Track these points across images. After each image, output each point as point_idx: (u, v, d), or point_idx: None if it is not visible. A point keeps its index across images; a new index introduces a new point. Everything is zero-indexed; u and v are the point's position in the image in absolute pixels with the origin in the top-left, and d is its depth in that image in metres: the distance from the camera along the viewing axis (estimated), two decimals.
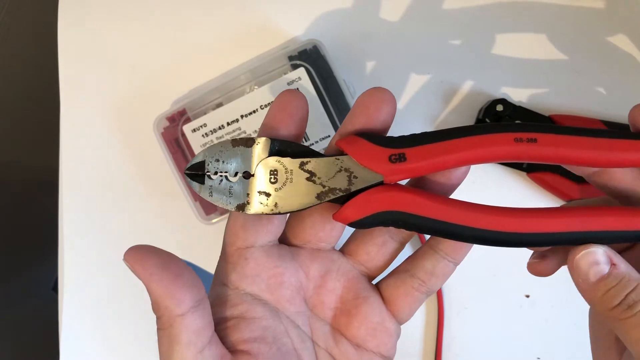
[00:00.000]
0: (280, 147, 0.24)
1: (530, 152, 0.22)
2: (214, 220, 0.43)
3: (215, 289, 0.26)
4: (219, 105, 0.42)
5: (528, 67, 0.44)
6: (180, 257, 0.48)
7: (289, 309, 0.26)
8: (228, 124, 0.42)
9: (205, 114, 0.42)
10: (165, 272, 0.22)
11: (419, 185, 0.26)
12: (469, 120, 0.44)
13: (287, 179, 0.24)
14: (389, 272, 0.28)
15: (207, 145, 0.42)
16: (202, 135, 0.42)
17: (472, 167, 0.25)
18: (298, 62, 0.42)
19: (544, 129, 0.22)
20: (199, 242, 0.46)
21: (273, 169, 0.24)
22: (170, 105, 0.45)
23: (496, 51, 0.44)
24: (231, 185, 0.24)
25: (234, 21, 0.45)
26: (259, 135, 0.24)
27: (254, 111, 0.42)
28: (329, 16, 0.45)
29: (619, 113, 0.43)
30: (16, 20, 0.48)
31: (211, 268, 0.46)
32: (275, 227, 0.26)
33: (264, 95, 0.42)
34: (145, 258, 0.23)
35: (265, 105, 0.42)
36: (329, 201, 0.24)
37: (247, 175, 0.24)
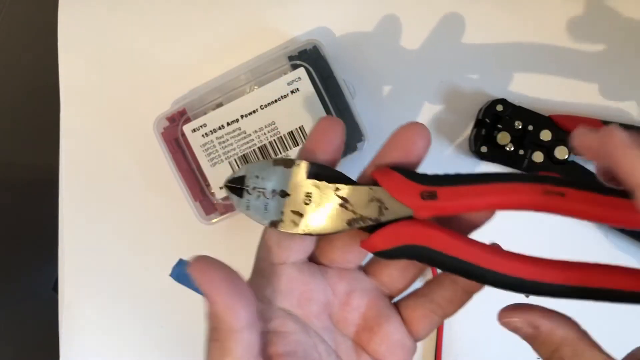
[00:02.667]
0: (318, 171, 0.25)
1: (557, 205, 0.23)
2: (214, 220, 0.43)
3: None
4: (219, 105, 0.42)
5: (528, 67, 0.44)
6: (180, 257, 0.48)
7: (316, 324, 0.27)
8: (228, 124, 0.42)
9: (205, 114, 0.42)
10: (229, 287, 0.24)
11: (444, 218, 0.26)
12: (469, 121, 0.44)
13: (321, 202, 0.25)
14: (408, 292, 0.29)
15: (207, 147, 0.42)
16: (202, 135, 0.42)
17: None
18: (298, 62, 0.42)
19: (573, 184, 0.23)
20: (199, 242, 0.46)
21: (308, 191, 0.25)
22: (170, 105, 0.45)
23: (496, 51, 0.44)
24: (267, 202, 0.25)
25: (234, 21, 0.45)
26: (299, 158, 0.25)
27: (254, 111, 0.42)
28: (328, 16, 0.45)
29: (619, 113, 0.43)
30: (16, 20, 0.48)
31: None
32: (307, 246, 0.27)
33: (264, 95, 0.42)
34: (211, 270, 0.24)
35: (266, 105, 0.42)
36: (358, 228, 0.24)
37: (284, 194, 0.25)
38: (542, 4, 0.44)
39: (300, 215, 0.25)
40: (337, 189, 0.25)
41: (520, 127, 0.42)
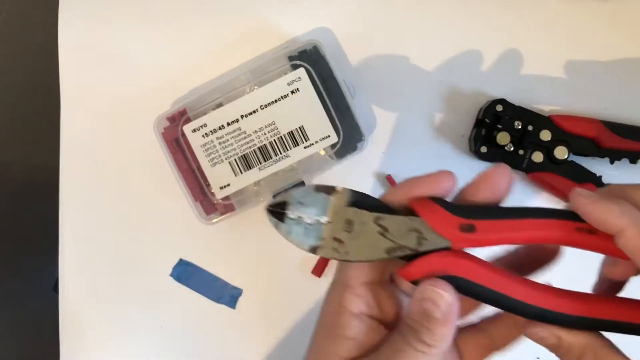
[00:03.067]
0: (358, 199, 0.25)
1: (589, 242, 0.24)
2: (214, 220, 0.43)
3: None
4: (219, 105, 0.42)
5: (528, 67, 0.44)
6: (180, 257, 0.48)
7: None
8: (228, 124, 0.42)
9: (205, 114, 0.42)
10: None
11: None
12: (469, 121, 0.44)
13: (361, 230, 0.25)
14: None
15: (207, 147, 0.42)
16: (203, 136, 0.42)
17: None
18: (298, 62, 0.42)
19: None
20: (199, 242, 0.46)
21: (349, 219, 0.25)
22: (171, 105, 0.45)
23: (496, 51, 0.44)
24: (308, 227, 0.25)
25: (234, 21, 0.45)
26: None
27: (254, 111, 0.42)
28: (329, 16, 0.45)
29: (619, 113, 0.43)
30: (17, 21, 0.48)
31: (211, 268, 0.47)
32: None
33: (264, 95, 0.42)
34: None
35: (266, 105, 0.42)
36: (396, 257, 0.25)
37: (324, 221, 0.25)
38: (542, 4, 0.44)
39: (340, 241, 0.25)
40: (377, 217, 0.25)
41: (520, 127, 0.42)
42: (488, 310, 0.28)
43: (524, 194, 0.44)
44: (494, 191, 0.25)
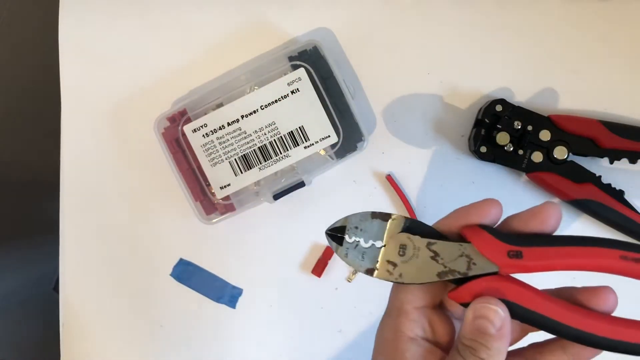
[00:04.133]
0: (412, 226, 0.27)
1: (633, 270, 0.25)
2: (214, 220, 0.43)
3: None
4: (220, 105, 0.42)
5: (528, 67, 0.44)
6: (180, 257, 0.48)
7: None
8: (228, 124, 0.42)
9: (205, 114, 0.42)
10: None
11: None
12: (469, 121, 0.44)
13: (413, 254, 0.27)
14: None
15: (207, 147, 0.42)
16: (203, 136, 0.42)
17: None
18: (298, 62, 0.42)
19: None
20: (199, 242, 0.46)
21: (403, 244, 0.27)
22: (171, 105, 0.45)
23: (496, 51, 0.44)
24: (364, 251, 0.27)
25: (234, 21, 0.45)
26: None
27: (254, 111, 0.42)
28: (329, 17, 0.45)
29: (619, 113, 0.43)
30: (17, 21, 0.48)
31: (211, 268, 0.47)
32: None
33: (264, 95, 0.42)
34: None
35: (266, 106, 0.42)
36: (447, 280, 0.27)
37: (380, 245, 0.27)
38: (542, 4, 0.44)
39: (394, 265, 0.27)
40: (430, 243, 0.27)
41: (519, 127, 0.42)
42: (534, 338, 0.28)
43: (523, 194, 0.44)
44: (542, 228, 0.26)
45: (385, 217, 0.28)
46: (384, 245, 0.27)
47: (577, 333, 0.25)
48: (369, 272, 0.27)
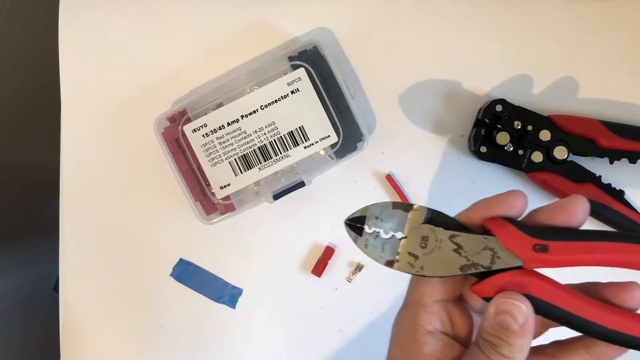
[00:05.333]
0: (434, 217, 0.26)
1: None
2: (214, 220, 0.43)
3: None
4: (220, 105, 0.42)
5: (528, 67, 0.44)
6: (180, 257, 0.48)
7: None
8: (228, 124, 0.42)
9: (205, 114, 0.42)
10: None
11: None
12: (469, 121, 0.44)
13: (436, 246, 0.26)
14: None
15: (207, 147, 0.42)
16: (203, 136, 0.42)
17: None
18: (298, 62, 0.42)
19: None
20: (199, 242, 0.46)
21: (425, 235, 0.26)
22: (171, 105, 0.45)
23: (496, 51, 0.44)
24: (385, 242, 0.27)
25: (234, 21, 0.45)
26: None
27: (254, 111, 0.42)
28: (329, 17, 0.45)
29: (619, 113, 0.43)
30: (17, 21, 0.49)
31: (211, 268, 0.47)
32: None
33: (264, 95, 0.42)
34: None
35: (266, 106, 0.42)
36: (469, 274, 0.26)
37: (401, 237, 0.26)
38: (542, 4, 0.44)
39: (416, 257, 0.26)
40: (453, 235, 0.26)
41: (519, 127, 0.42)
42: (555, 335, 0.28)
43: None
44: (570, 221, 0.26)
45: (406, 207, 0.27)
46: (405, 237, 0.26)
47: (602, 330, 0.24)
48: (389, 264, 0.26)
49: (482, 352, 0.25)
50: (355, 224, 0.27)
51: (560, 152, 0.42)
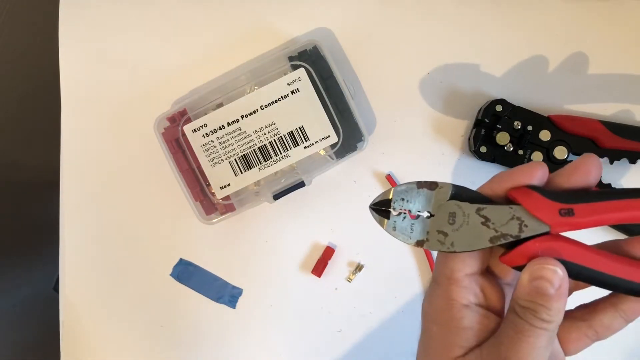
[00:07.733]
0: (459, 192, 0.27)
1: None
2: (214, 220, 0.43)
3: None
4: (220, 105, 0.42)
5: (528, 67, 0.44)
6: (180, 257, 0.48)
7: None
8: (228, 124, 0.42)
9: (205, 114, 0.42)
10: None
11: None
12: (469, 121, 0.44)
13: (464, 221, 0.26)
14: None
15: (207, 147, 0.42)
16: (203, 136, 0.42)
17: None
18: (298, 62, 0.42)
19: None
20: (199, 242, 0.46)
21: (452, 212, 0.26)
22: (171, 105, 0.45)
23: (495, 51, 0.44)
24: (412, 222, 0.27)
25: (234, 22, 0.45)
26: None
27: (254, 111, 0.42)
28: (329, 17, 0.45)
29: (619, 113, 0.43)
30: (17, 21, 0.49)
31: (211, 268, 0.47)
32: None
33: (264, 95, 0.42)
34: None
35: (266, 106, 0.42)
36: (499, 245, 0.26)
37: (428, 215, 0.26)
38: (542, 3, 0.44)
39: (445, 234, 0.26)
40: (479, 208, 0.26)
41: (519, 127, 0.42)
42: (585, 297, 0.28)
43: None
44: (585, 180, 0.26)
45: (431, 185, 0.27)
46: (432, 215, 0.26)
47: (632, 286, 0.25)
48: (419, 244, 0.26)
49: (522, 319, 0.25)
50: (381, 208, 0.27)
51: (560, 152, 0.42)
